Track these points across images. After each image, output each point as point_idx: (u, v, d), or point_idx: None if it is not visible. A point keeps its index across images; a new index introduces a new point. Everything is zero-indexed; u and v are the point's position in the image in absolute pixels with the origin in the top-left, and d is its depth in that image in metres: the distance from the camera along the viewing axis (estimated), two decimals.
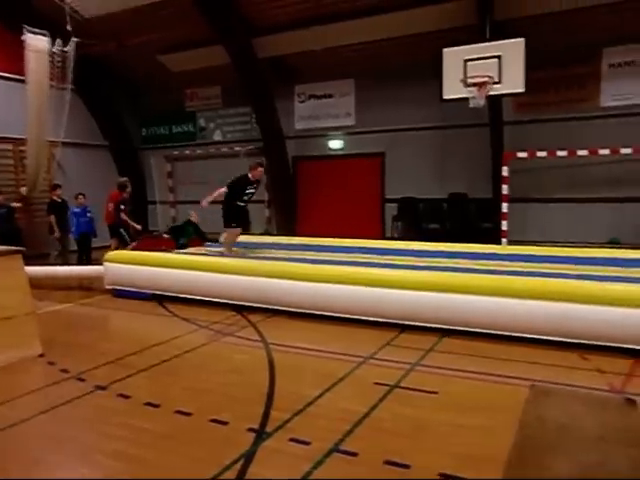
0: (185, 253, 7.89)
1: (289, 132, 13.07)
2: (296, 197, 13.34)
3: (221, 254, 7.60)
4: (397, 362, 4.26)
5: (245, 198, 7.72)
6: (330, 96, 12.72)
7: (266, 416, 3.30)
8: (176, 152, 14.72)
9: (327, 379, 3.89)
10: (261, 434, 3.07)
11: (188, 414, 3.36)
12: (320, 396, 3.61)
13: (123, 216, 9.23)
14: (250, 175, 7.66)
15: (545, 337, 4.64)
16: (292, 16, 11.09)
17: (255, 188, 7.80)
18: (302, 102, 13.07)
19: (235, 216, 7.74)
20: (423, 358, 4.39)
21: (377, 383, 3.80)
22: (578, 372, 4.08)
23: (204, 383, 3.95)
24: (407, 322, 5.14)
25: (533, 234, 10.38)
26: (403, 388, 3.76)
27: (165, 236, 9.92)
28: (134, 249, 8.50)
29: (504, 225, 9.52)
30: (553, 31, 9.98)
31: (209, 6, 10.89)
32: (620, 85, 10.20)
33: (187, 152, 14.47)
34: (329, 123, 12.83)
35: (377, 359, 4.40)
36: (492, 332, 4.82)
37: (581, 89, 10.57)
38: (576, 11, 9.57)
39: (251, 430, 3.11)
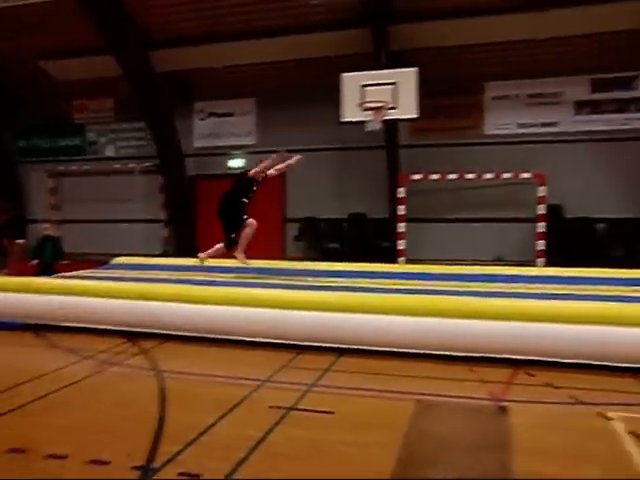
0: (62, 277, 7.31)
1: (188, 150, 12.83)
2: (196, 217, 13.05)
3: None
4: (294, 384, 4.26)
5: (250, 195, 7.49)
6: (231, 114, 12.70)
7: (154, 450, 3.13)
8: (61, 167, 13.83)
9: (222, 405, 3.79)
10: (147, 471, 2.90)
11: (62, 457, 3.08)
12: (214, 424, 3.51)
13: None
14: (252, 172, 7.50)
15: (437, 352, 4.89)
16: (192, 31, 10.99)
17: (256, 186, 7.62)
18: (202, 120, 12.91)
19: (245, 211, 7.38)
20: (320, 378, 4.42)
21: (273, 406, 3.77)
22: (465, 384, 4.33)
23: (84, 420, 3.66)
24: (305, 343, 5.17)
25: (429, 253, 10.98)
26: (299, 410, 3.76)
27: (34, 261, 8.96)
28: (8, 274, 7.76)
29: (401, 244, 9.99)
30: (444, 63, 10.85)
31: (98, 11, 10.31)
32: (500, 116, 11.31)
33: (74, 167, 13.64)
34: (230, 142, 12.78)
35: (274, 382, 4.37)
36: (387, 349, 4.99)
37: (468, 118, 11.53)
38: (462, 47, 10.51)
39: (136, 468, 2.93)
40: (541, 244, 9.62)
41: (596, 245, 10.63)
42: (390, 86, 9.20)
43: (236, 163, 12.83)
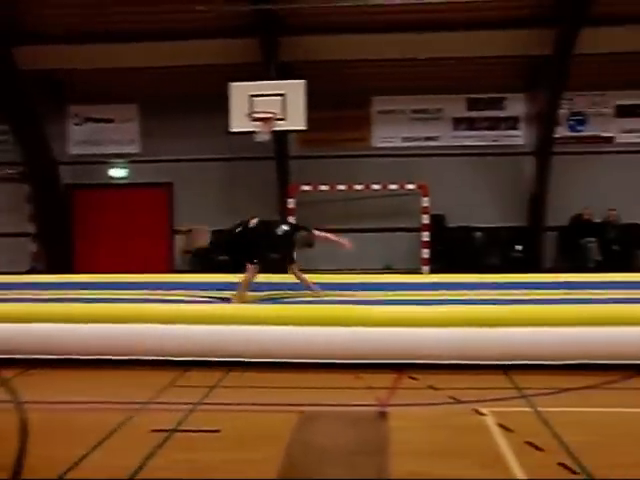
0: None
1: (62, 157, 11.98)
2: (72, 230, 12.19)
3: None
4: (178, 404, 4.11)
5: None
6: (111, 121, 12.08)
7: None
8: None
9: (96, 434, 3.54)
10: None
11: None
12: (86, 456, 3.26)
13: None
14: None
15: (326, 361, 4.98)
16: (66, 28, 10.32)
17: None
18: (78, 125, 12.15)
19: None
20: (207, 396, 4.31)
21: (155, 430, 3.60)
22: (353, 391, 4.45)
23: None
24: (192, 358, 5.02)
25: (320, 263, 11.17)
26: (183, 431, 3.62)
27: None
28: None
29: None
30: (333, 77, 11.25)
31: None
32: (387, 129, 11.95)
33: None
34: (111, 150, 12.15)
35: (157, 403, 4.18)
36: (277, 361, 4.99)
37: (356, 130, 12.03)
38: (350, 62, 10.99)
39: None
40: (426, 252, 10.23)
41: (475, 252, 11.53)
42: (279, 97, 9.28)
43: (118, 172, 12.22)
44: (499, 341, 4.93)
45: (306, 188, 10.50)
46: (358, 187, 10.56)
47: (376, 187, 10.56)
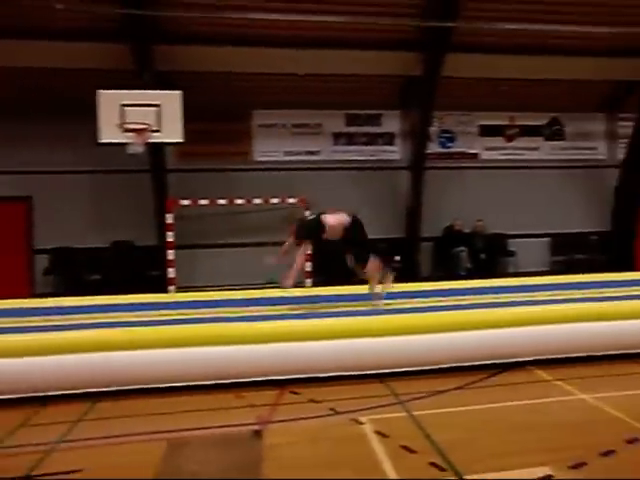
0: None
1: None
2: None
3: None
4: (33, 445, 3.73)
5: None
6: None
7: None
8: None
9: None
10: None
11: None
12: None
13: None
14: None
15: (206, 382, 4.84)
16: None
17: None
18: None
19: None
20: (69, 432, 3.98)
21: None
22: (233, 411, 4.40)
23: None
24: (52, 392, 4.61)
25: (202, 280, 10.93)
26: (39, 476, 3.29)
27: None
28: None
29: (171, 272, 9.75)
30: (212, 88, 11.13)
31: None
32: (268, 143, 12.08)
33: None
34: None
35: (7, 447, 3.76)
36: (152, 386, 4.76)
37: (238, 144, 12.01)
38: (230, 74, 10.96)
39: None
40: (308, 266, 10.40)
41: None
42: (154, 108, 8.98)
43: None
44: (375, 350, 5.14)
45: (185, 202, 10.21)
46: (239, 201, 10.51)
47: (257, 201, 10.58)
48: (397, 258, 11.93)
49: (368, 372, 5.09)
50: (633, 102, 12.65)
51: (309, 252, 10.42)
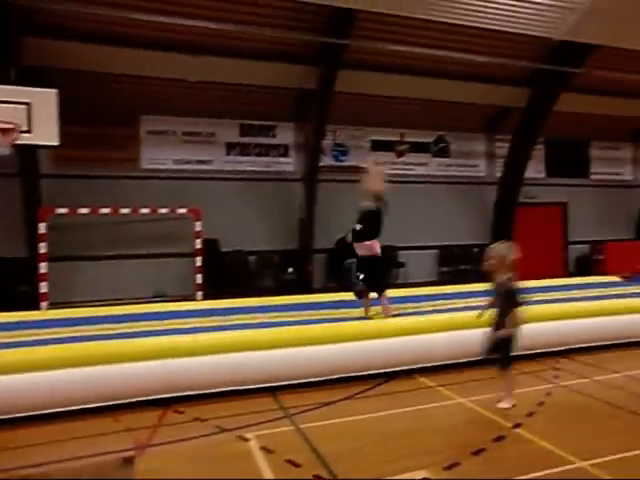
0: None
1: None
2: None
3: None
4: None
5: None
6: None
7: None
8: None
9: None
10: None
11: None
12: None
13: None
14: None
15: (77, 407, 4.51)
16: None
17: None
18: None
19: None
20: None
21: None
22: (109, 437, 4.14)
23: None
24: None
25: (80, 295, 10.25)
26: None
27: None
28: None
29: (43, 287, 9.06)
30: (96, 89, 10.53)
31: None
32: (157, 151, 11.68)
33: None
34: None
35: None
36: (17, 416, 4.36)
37: (124, 150, 11.46)
38: (113, 75, 10.51)
39: None
40: (199, 278, 10.15)
41: (249, 276, 11.86)
42: (23, 106, 8.25)
43: None
44: (265, 364, 5.11)
45: (62, 211, 9.50)
46: (125, 211, 9.99)
47: (145, 211, 10.13)
48: (290, 270, 12.03)
49: (255, 386, 5.04)
50: (509, 125, 13.90)
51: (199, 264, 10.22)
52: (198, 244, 10.25)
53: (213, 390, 4.91)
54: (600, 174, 16.10)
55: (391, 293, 8.25)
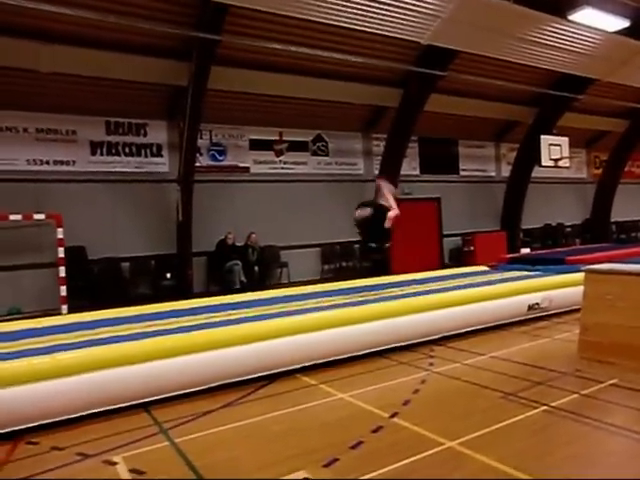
0: None
1: None
2: None
3: None
4: None
5: None
6: None
7: None
8: None
9: None
10: None
11: None
12: None
13: None
14: None
15: None
16: None
17: None
18: None
19: None
20: None
21: None
22: None
23: None
24: None
25: None
26: None
27: None
28: None
29: None
30: None
31: None
32: (6, 150, 10.52)
33: None
34: None
35: None
36: None
37: None
38: None
39: None
40: (63, 290, 9.36)
41: (123, 284, 11.17)
42: None
43: None
44: (133, 379, 4.76)
45: None
46: None
47: None
48: (168, 275, 11.54)
49: (124, 405, 4.68)
50: (384, 125, 14.53)
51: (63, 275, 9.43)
52: (61, 253, 9.44)
53: (72, 415, 4.46)
54: (468, 170, 17.35)
55: (274, 293, 8.34)
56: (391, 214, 7.08)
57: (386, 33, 11.36)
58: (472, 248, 15.98)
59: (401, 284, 8.71)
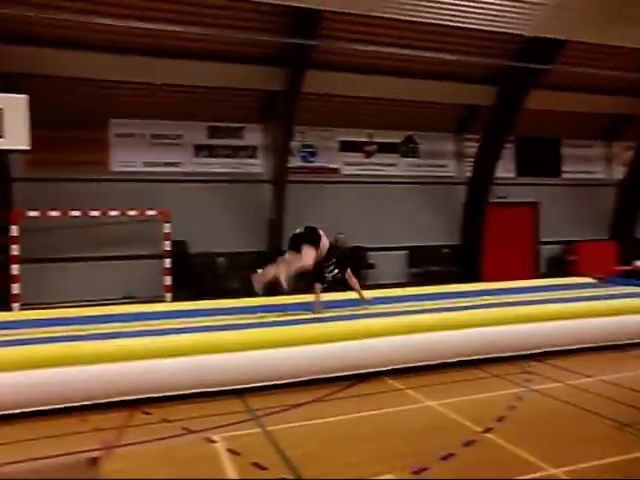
0: None
1: None
2: None
3: None
4: None
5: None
6: None
7: None
8: None
9: None
10: None
11: None
12: None
13: None
14: None
15: (47, 407, 4.59)
16: None
17: None
18: None
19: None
20: None
21: None
22: (76, 437, 4.23)
23: None
24: None
25: (51, 296, 10.27)
26: None
27: None
28: None
29: (15, 288, 9.13)
30: (64, 94, 10.57)
31: None
32: (126, 153, 11.72)
33: None
34: None
35: None
36: None
37: (94, 153, 11.55)
38: (82, 80, 10.51)
39: None
40: (168, 279, 10.21)
41: (217, 278, 11.90)
42: None
43: None
44: (233, 366, 5.23)
45: (33, 214, 9.58)
46: (94, 213, 10.04)
47: (114, 213, 10.18)
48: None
49: (222, 389, 5.16)
50: (478, 125, 13.99)
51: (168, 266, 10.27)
52: (167, 246, 10.31)
53: (180, 392, 5.00)
54: (572, 173, 16.00)
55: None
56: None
57: (485, 28, 10.86)
58: (575, 258, 14.73)
59: (494, 292, 8.28)
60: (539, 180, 15.50)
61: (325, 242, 6.94)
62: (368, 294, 8.50)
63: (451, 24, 10.71)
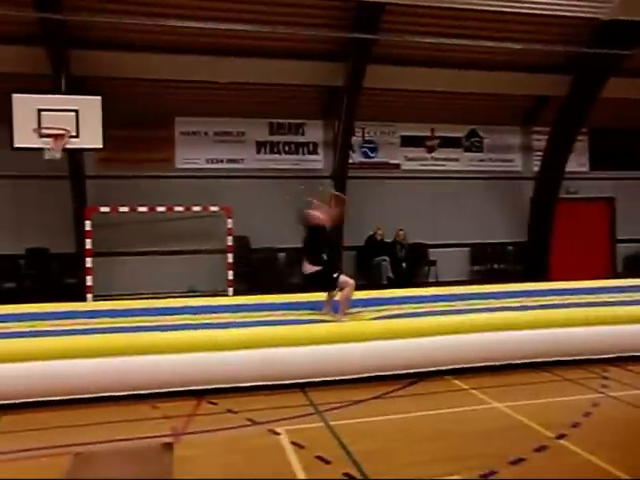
0: None
1: None
2: None
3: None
4: None
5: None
6: None
7: None
8: None
9: None
10: None
11: None
12: None
13: None
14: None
15: (121, 393, 4.80)
16: None
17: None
18: None
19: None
20: None
21: None
22: (147, 423, 4.40)
23: None
24: None
25: (120, 288, 10.75)
26: None
27: None
28: None
29: (89, 280, 9.61)
30: (132, 95, 11.01)
31: None
32: (190, 150, 12.11)
33: None
34: None
35: None
36: (67, 397, 4.68)
37: (159, 151, 11.95)
38: (149, 81, 10.94)
39: None
40: (230, 274, 10.45)
41: (278, 273, 12.08)
42: (71, 113, 8.86)
43: None
44: (296, 360, 5.28)
45: (105, 210, 10.07)
46: (160, 209, 10.44)
47: (179, 209, 10.55)
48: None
49: (287, 382, 5.22)
50: (547, 116, 13.37)
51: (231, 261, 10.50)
52: (229, 241, 10.57)
53: (245, 384, 5.11)
54: None
55: (421, 291, 8.36)
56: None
57: (557, 13, 10.43)
58: None
59: (571, 292, 7.95)
60: (615, 174, 14.58)
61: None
62: (428, 291, 8.41)
63: (522, 11, 10.30)
